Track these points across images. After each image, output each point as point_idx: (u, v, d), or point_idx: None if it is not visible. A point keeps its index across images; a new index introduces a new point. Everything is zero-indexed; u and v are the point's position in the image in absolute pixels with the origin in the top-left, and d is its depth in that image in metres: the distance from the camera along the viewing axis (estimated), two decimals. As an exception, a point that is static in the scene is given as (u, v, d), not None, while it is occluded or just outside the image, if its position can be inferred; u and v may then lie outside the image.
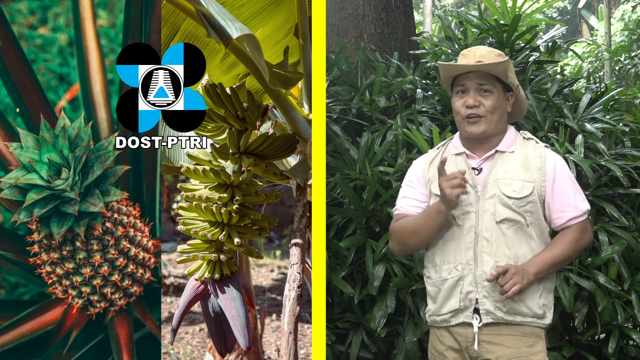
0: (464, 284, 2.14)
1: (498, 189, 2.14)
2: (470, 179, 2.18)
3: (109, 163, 2.14)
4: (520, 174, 2.16)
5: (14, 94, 2.36)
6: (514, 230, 2.13)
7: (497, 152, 2.20)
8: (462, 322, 2.14)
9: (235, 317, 1.92)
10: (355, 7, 4.07)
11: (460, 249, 2.15)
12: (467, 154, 2.23)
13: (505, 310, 2.11)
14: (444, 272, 2.17)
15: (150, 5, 2.36)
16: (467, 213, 2.15)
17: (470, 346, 2.14)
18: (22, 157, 2.08)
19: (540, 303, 2.13)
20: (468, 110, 2.18)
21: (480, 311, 2.12)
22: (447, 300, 2.17)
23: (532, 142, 2.24)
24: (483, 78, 2.19)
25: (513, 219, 2.13)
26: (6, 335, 2.28)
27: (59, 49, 2.94)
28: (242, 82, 2.09)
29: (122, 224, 2.26)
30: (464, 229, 2.15)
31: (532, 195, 2.14)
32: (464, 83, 2.20)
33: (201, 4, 1.65)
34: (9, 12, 2.88)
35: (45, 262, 2.20)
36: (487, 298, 2.12)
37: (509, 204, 2.13)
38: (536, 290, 2.13)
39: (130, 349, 2.27)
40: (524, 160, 2.18)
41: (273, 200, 2.02)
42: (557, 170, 2.18)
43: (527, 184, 2.15)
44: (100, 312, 2.27)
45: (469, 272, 2.13)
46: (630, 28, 10.56)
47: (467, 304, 2.13)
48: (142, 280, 2.32)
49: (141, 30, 2.37)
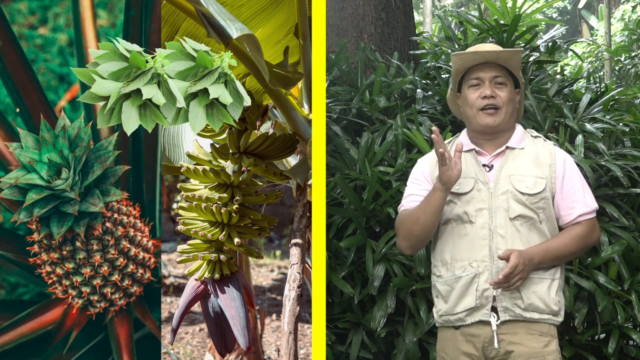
0: (479, 282, 2.12)
1: (511, 185, 2.14)
2: (481, 176, 2.17)
3: (109, 163, 2.14)
4: (532, 170, 2.16)
5: (14, 94, 2.36)
6: (528, 227, 2.12)
7: (507, 148, 2.20)
8: (478, 320, 2.12)
9: (235, 317, 1.92)
10: (355, 7, 4.07)
11: (474, 246, 2.13)
12: (476, 151, 2.22)
13: (524, 307, 2.10)
14: (457, 269, 2.15)
15: (150, 5, 2.36)
16: (480, 210, 2.14)
17: (487, 346, 2.11)
18: (22, 157, 2.08)
19: (557, 299, 2.13)
20: (484, 101, 2.18)
21: (498, 308, 2.11)
22: (461, 298, 2.14)
23: (540, 139, 2.24)
24: (498, 70, 2.19)
25: (527, 215, 2.12)
26: (6, 335, 2.28)
27: (59, 49, 2.94)
28: (242, 82, 2.09)
29: (122, 224, 2.26)
30: (477, 226, 2.14)
31: (545, 192, 2.14)
32: (479, 75, 2.20)
33: (201, 4, 1.65)
34: (9, 12, 2.89)
35: (45, 262, 2.20)
36: (504, 295, 2.10)
37: (522, 200, 2.12)
38: (552, 286, 2.13)
39: (130, 349, 2.27)
40: (535, 157, 2.18)
41: (273, 200, 2.02)
42: (566, 167, 2.18)
43: (539, 180, 2.15)
44: (100, 312, 2.27)
45: (484, 269, 2.11)
46: (630, 28, 10.55)
47: (483, 301, 2.11)
48: (142, 280, 2.32)
49: (141, 30, 2.37)
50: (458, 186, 2.15)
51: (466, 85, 2.23)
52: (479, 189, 2.15)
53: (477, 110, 2.19)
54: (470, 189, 2.16)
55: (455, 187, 2.14)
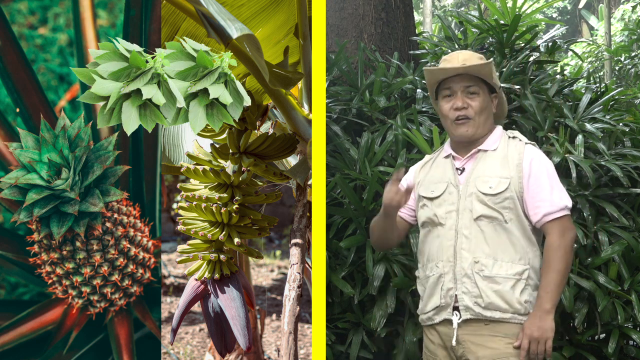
0: (444, 281, 2.17)
1: (475, 187, 2.17)
2: (454, 179, 2.22)
3: (109, 163, 2.14)
4: (498, 170, 2.18)
5: (14, 94, 2.36)
6: (493, 227, 2.14)
7: (479, 151, 2.24)
8: (444, 319, 2.17)
9: (235, 317, 1.92)
10: (355, 7, 4.07)
11: (442, 247, 2.18)
12: (453, 156, 2.28)
13: (484, 305, 2.11)
14: (428, 270, 2.23)
15: (150, 5, 2.36)
16: (450, 212, 2.19)
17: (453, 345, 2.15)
18: (22, 157, 2.08)
19: (522, 299, 2.12)
20: (456, 113, 2.22)
21: (460, 307, 2.14)
22: (430, 297, 2.21)
23: (515, 140, 2.25)
24: (469, 80, 2.23)
25: (490, 216, 2.14)
26: (6, 335, 2.28)
27: (59, 49, 2.94)
28: (242, 82, 2.09)
29: (122, 224, 2.26)
30: (446, 227, 2.19)
31: (508, 192, 2.15)
32: (451, 86, 2.24)
33: (201, 4, 1.65)
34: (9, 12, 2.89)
35: (45, 262, 2.20)
36: (465, 294, 2.13)
37: (484, 201, 2.15)
38: (517, 286, 2.12)
39: (130, 349, 2.27)
40: (504, 158, 2.21)
41: (273, 200, 2.02)
42: (533, 166, 2.18)
43: (503, 180, 2.16)
44: (100, 312, 2.27)
45: (449, 269, 2.16)
46: (630, 28, 10.56)
47: (447, 300, 2.16)
48: (142, 280, 2.31)
49: (141, 30, 2.37)
50: (433, 190, 2.24)
51: (440, 96, 2.29)
52: (450, 192, 2.21)
53: (451, 121, 2.24)
54: (442, 193, 2.23)
55: (430, 191, 2.25)
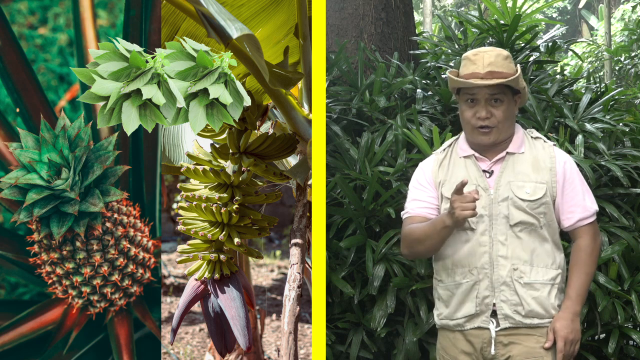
0: (479, 289, 2.12)
1: (511, 191, 2.13)
2: (482, 182, 2.15)
3: (109, 163, 2.14)
4: (531, 175, 2.14)
5: (14, 94, 2.36)
6: (528, 233, 2.12)
7: (507, 153, 2.18)
8: (478, 326, 2.13)
9: (235, 317, 1.92)
10: (355, 7, 4.07)
11: (474, 253, 2.13)
12: (476, 157, 2.20)
13: (524, 313, 2.10)
14: (458, 275, 2.16)
15: (150, 5, 2.36)
16: (480, 217, 2.12)
17: (486, 347, 2.12)
18: (22, 157, 2.08)
19: (555, 304, 2.14)
20: (479, 122, 2.14)
21: (499, 316, 2.11)
22: (461, 304, 2.15)
23: (540, 141, 2.21)
24: (495, 88, 2.13)
25: (527, 222, 2.11)
26: (6, 335, 2.28)
27: (59, 49, 2.94)
28: (242, 82, 2.09)
29: (122, 224, 2.26)
30: (478, 233, 2.13)
31: (545, 197, 2.13)
32: (475, 92, 2.14)
33: (201, 4, 1.65)
34: (9, 12, 2.89)
35: (45, 262, 2.20)
36: (505, 302, 2.11)
37: (522, 207, 2.11)
38: (552, 291, 2.13)
39: (130, 349, 2.27)
40: (534, 161, 2.16)
41: (273, 200, 2.02)
42: (567, 170, 2.16)
43: (539, 186, 2.13)
44: (100, 312, 2.27)
45: (484, 276, 2.12)
46: (630, 28, 10.54)
47: (483, 308, 2.12)
48: (142, 280, 2.31)
49: (141, 30, 2.37)
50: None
51: (462, 98, 2.18)
52: (480, 195, 2.12)
53: (472, 127, 2.15)
54: None
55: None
